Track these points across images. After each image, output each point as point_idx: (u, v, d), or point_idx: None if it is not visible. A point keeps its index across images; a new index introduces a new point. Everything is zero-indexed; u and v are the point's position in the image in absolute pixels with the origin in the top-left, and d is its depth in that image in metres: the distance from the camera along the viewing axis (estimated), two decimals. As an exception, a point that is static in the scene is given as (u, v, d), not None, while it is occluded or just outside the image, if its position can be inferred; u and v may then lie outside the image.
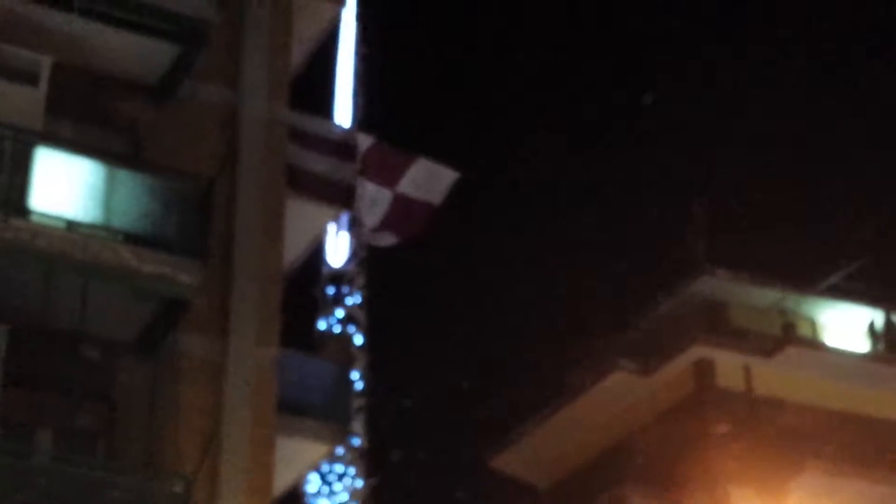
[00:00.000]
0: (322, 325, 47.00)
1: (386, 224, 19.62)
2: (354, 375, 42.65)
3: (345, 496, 43.09)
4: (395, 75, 62.36)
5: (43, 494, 14.23)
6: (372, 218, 19.63)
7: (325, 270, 47.96)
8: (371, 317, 47.17)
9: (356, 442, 44.26)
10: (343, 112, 50.42)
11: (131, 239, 15.43)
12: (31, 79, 15.97)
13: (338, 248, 48.50)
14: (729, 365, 30.77)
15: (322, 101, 50.29)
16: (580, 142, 60.55)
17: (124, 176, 15.75)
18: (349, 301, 47.18)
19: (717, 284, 32.05)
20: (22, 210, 15.06)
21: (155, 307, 15.89)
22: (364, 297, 47.41)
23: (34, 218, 15.12)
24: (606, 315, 34.67)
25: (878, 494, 29.93)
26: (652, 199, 54.25)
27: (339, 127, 21.53)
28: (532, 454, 33.94)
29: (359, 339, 46.55)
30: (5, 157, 15.15)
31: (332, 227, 46.09)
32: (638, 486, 30.57)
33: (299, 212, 18.69)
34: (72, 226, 15.27)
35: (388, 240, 19.71)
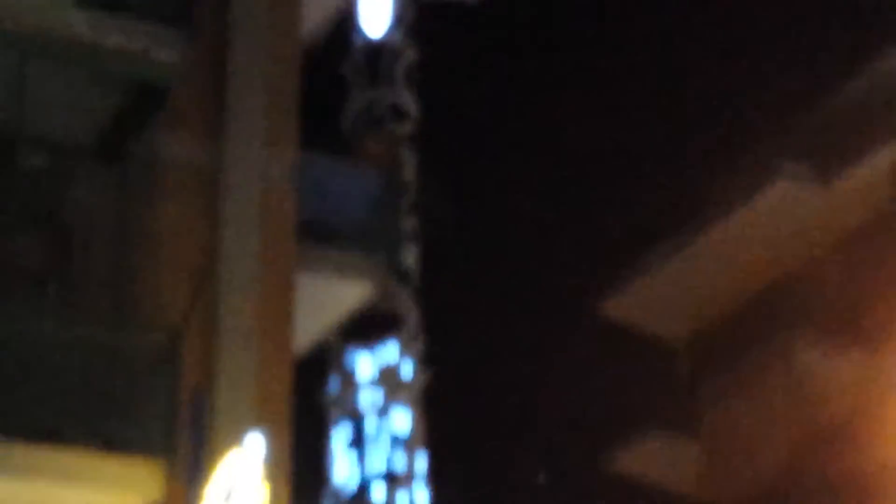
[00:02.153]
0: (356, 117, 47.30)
1: None
2: (403, 185, 42.96)
3: (394, 352, 43.51)
4: None
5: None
6: None
7: (359, 41, 48.11)
8: (424, 104, 47.26)
9: (407, 279, 44.71)
10: None
11: (86, 0, 15.63)
12: None
13: (377, 9, 48.59)
14: (942, 166, 30.92)
15: None
16: None
17: None
18: (394, 84, 47.33)
19: (927, 54, 32.00)
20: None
21: (121, 97, 16.14)
22: (414, 78, 47.52)
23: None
24: (767, 103, 34.66)
25: None
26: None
27: None
28: (661, 297, 34.27)
29: (406, 134, 46.74)
30: None
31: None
32: (811, 335, 30.93)
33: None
34: (1, -18, 15.54)
35: None
